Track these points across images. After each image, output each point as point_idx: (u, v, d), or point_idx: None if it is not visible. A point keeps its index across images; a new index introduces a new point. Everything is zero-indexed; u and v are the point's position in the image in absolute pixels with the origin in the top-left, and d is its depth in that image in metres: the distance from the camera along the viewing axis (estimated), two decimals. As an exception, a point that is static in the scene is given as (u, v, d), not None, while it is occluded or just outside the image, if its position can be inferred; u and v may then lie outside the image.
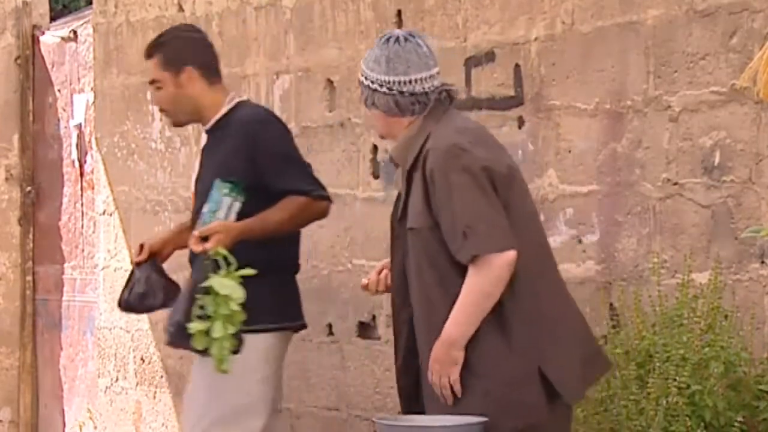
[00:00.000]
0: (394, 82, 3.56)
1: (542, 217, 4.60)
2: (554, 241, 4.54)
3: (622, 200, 4.39)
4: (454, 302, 3.50)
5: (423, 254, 3.53)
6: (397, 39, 3.59)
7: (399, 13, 5.08)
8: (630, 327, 4.05)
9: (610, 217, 4.42)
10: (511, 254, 3.49)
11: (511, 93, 4.69)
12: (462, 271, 3.49)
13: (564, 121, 4.55)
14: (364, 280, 3.80)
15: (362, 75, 3.63)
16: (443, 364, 3.51)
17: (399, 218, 3.62)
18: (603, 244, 4.43)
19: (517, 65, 4.66)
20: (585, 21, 4.47)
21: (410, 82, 3.56)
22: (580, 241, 4.49)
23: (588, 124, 4.47)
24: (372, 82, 3.59)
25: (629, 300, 4.11)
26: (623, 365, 3.88)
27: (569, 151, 4.54)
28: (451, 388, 3.52)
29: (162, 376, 6.05)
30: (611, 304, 4.36)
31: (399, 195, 3.66)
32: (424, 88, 3.58)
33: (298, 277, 4.44)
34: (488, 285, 3.46)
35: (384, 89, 3.57)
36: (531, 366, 3.49)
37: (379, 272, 3.76)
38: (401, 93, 3.57)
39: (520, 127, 4.67)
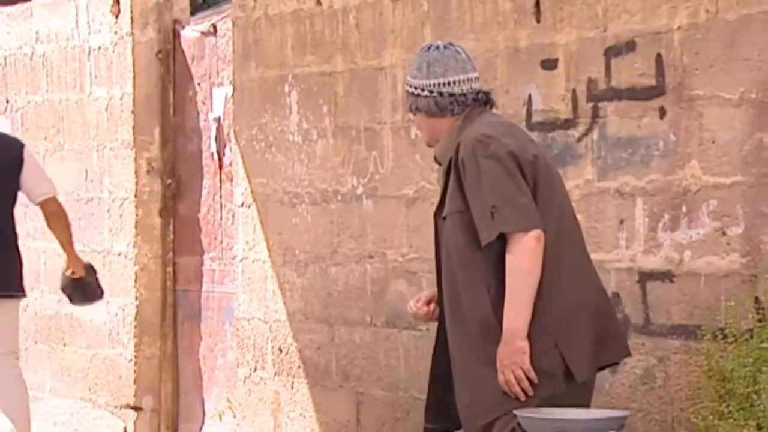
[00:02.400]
0: (434, 85, 3.82)
1: (684, 209, 4.54)
2: (697, 233, 4.47)
3: (768, 192, 4.29)
4: (474, 285, 3.67)
5: (452, 239, 3.73)
6: (437, 47, 3.88)
7: (537, 3, 5.04)
8: (777, 321, 3.96)
9: (756, 209, 4.32)
10: (538, 231, 3.68)
11: (653, 83, 4.62)
12: (484, 255, 3.68)
13: (707, 111, 4.47)
14: (411, 307, 3.96)
15: (407, 85, 3.91)
16: (512, 358, 3.64)
17: (437, 213, 3.85)
18: (748, 237, 4.33)
19: (658, 54, 4.59)
20: (730, 9, 4.38)
21: (449, 83, 3.82)
22: (724, 234, 4.40)
23: (733, 114, 4.38)
24: (415, 88, 3.86)
25: (776, 294, 4.02)
26: (770, 360, 3.80)
27: (713, 142, 4.46)
28: (527, 377, 3.65)
29: (299, 367, 6.11)
30: (756, 298, 4.26)
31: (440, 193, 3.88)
32: (462, 90, 3.84)
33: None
34: (524, 260, 3.64)
35: (426, 92, 3.83)
36: (549, 342, 3.68)
37: (428, 303, 3.92)
38: (441, 94, 3.83)
39: (661, 118, 4.60)
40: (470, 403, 3.71)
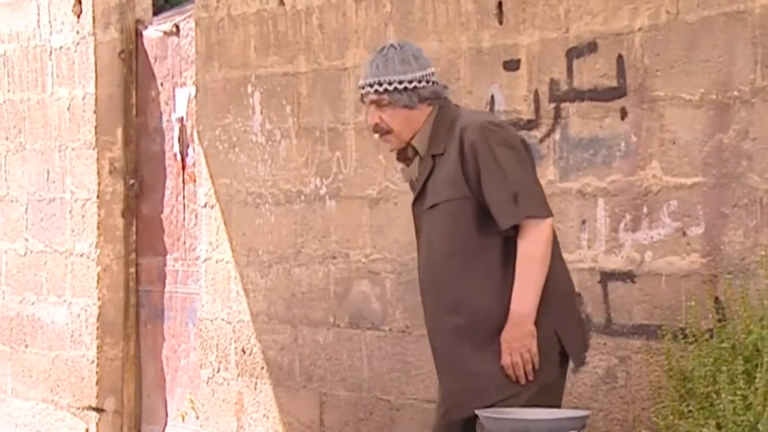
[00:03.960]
0: (428, 75, 3.87)
1: (645, 210, 4.57)
2: (658, 233, 4.49)
3: (729, 192, 4.32)
4: (472, 273, 3.68)
5: (442, 227, 3.73)
6: (393, 46, 3.94)
7: (500, 4, 5.05)
8: (736, 321, 3.99)
9: (716, 209, 4.35)
10: (551, 220, 3.77)
11: (614, 84, 4.64)
12: (487, 242, 3.70)
13: (668, 113, 4.49)
14: None
15: (397, 83, 3.87)
16: (521, 340, 3.68)
17: (415, 204, 3.86)
18: (708, 237, 4.36)
19: (620, 56, 4.61)
20: (690, 10, 4.40)
21: (434, 73, 3.90)
22: (684, 234, 4.43)
23: (693, 115, 4.40)
24: (410, 82, 3.87)
25: (736, 293, 4.05)
26: (730, 360, 3.82)
27: (674, 143, 4.48)
28: (531, 360, 3.69)
29: (263, 368, 6.10)
30: (717, 298, 4.29)
31: (413, 185, 3.89)
32: (436, 81, 3.92)
33: (400, 270, 4.54)
34: (539, 247, 3.70)
35: (422, 83, 3.87)
36: (550, 329, 3.74)
37: None
38: (432, 83, 3.88)
39: (623, 119, 4.63)
40: (459, 390, 3.72)
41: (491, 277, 3.70)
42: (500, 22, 5.06)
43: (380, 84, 3.87)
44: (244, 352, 6.21)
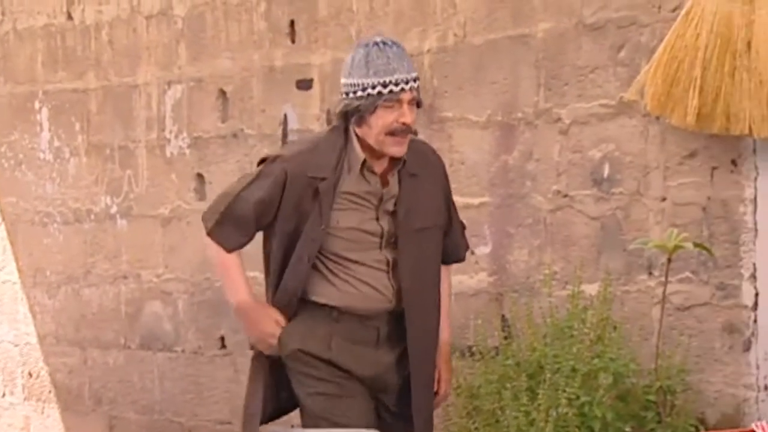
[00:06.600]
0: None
1: (435, 229, 4.62)
2: (447, 252, 4.55)
3: (514, 212, 4.41)
4: (438, 302, 3.62)
5: (432, 251, 3.61)
6: (390, 41, 3.54)
7: (292, 23, 5.06)
8: (521, 338, 4.07)
9: (502, 228, 4.44)
10: None
11: (404, 104, 4.68)
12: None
13: (456, 133, 4.56)
14: None
15: (413, 81, 3.48)
16: (450, 368, 3.69)
17: (380, 219, 3.55)
18: (495, 256, 4.44)
19: (410, 77, 4.66)
20: (477, 33, 4.49)
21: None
22: (473, 253, 4.50)
23: (480, 136, 4.48)
24: (414, 81, 3.49)
25: (521, 311, 4.13)
26: (514, 377, 3.89)
27: (462, 163, 4.56)
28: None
29: (50, 391, 5.94)
30: (503, 316, 4.38)
31: (371, 196, 3.54)
32: None
33: (192, 290, 4.41)
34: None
35: (418, 83, 3.51)
36: None
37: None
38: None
39: (413, 139, 4.67)
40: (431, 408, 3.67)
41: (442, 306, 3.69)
42: (293, 41, 5.06)
43: (416, 79, 3.47)
44: (31, 376, 6.03)
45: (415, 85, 3.49)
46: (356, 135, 3.51)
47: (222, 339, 5.33)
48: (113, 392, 5.70)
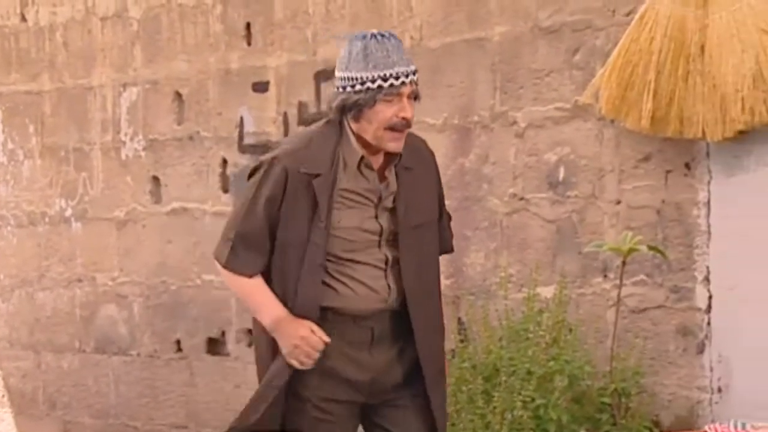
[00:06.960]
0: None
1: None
2: (403, 255, 4.55)
3: (470, 215, 4.42)
4: (440, 296, 3.52)
5: (433, 246, 3.51)
6: (388, 33, 3.43)
7: (248, 26, 5.04)
8: (477, 341, 4.07)
9: (459, 231, 4.44)
10: None
11: (361, 107, 4.68)
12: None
13: (413, 136, 4.56)
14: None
15: (413, 74, 3.40)
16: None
17: (379, 216, 3.44)
18: (452, 259, 4.45)
19: (366, 80, 4.65)
20: (433, 37, 4.49)
21: None
22: (436, 253, 4.51)
23: (437, 139, 4.49)
24: (414, 74, 3.40)
25: (477, 314, 4.13)
26: (470, 379, 3.90)
27: (418, 166, 4.56)
28: None
29: (3, 396, 5.89)
30: (459, 319, 4.38)
31: (369, 192, 3.44)
32: None
33: (148, 293, 4.36)
34: None
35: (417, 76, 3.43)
36: None
37: None
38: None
39: (369, 142, 4.67)
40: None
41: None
42: (249, 44, 5.05)
43: (416, 72, 3.39)
44: (-15, 380, 5.98)
45: (415, 78, 3.40)
46: (351, 130, 3.40)
47: (178, 342, 5.31)
48: (68, 396, 5.66)
